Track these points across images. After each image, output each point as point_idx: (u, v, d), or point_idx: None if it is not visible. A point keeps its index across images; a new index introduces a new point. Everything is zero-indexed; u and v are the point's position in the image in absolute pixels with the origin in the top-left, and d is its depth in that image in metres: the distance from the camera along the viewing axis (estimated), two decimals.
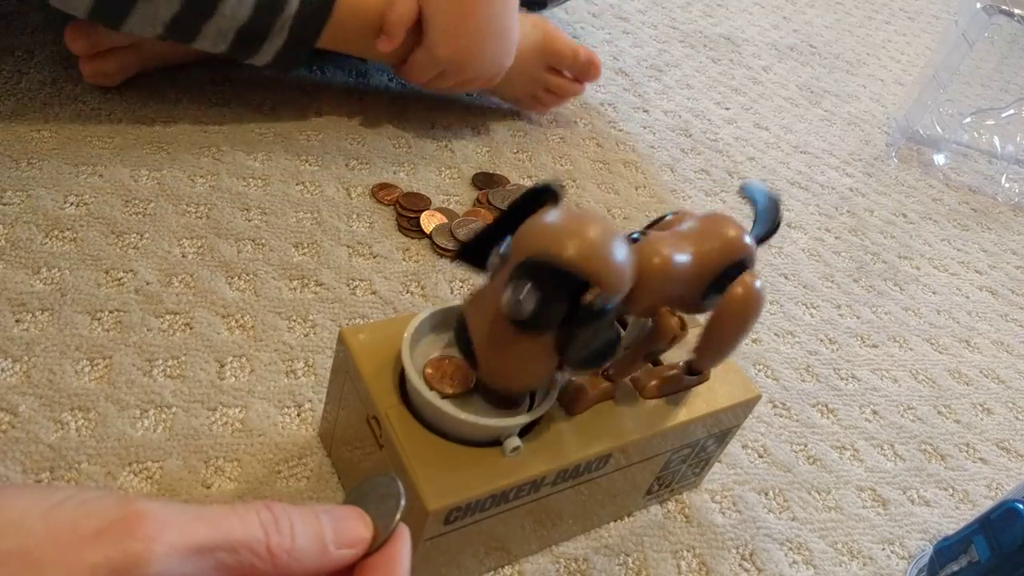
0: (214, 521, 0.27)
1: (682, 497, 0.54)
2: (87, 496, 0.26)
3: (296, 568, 0.28)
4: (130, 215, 0.60)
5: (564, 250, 0.34)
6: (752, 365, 0.65)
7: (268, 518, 0.28)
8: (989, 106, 1.07)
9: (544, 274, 0.35)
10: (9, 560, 0.24)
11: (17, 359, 0.49)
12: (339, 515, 0.30)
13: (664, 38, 1.09)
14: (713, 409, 0.47)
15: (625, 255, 0.36)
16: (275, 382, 0.52)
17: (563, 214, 0.36)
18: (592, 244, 0.35)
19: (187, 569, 0.26)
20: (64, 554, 0.24)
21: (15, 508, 0.25)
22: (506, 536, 0.44)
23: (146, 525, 0.25)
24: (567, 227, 0.35)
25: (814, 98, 1.08)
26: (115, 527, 0.25)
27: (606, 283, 0.35)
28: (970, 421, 0.68)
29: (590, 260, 0.35)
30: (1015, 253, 0.91)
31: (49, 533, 0.24)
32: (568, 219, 0.36)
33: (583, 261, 0.34)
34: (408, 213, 0.67)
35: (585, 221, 0.36)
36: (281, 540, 0.28)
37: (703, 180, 0.85)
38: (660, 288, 0.40)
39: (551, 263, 0.35)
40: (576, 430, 0.43)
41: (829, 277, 0.78)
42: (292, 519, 0.28)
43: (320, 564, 0.29)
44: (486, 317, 0.38)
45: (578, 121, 0.87)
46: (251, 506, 0.28)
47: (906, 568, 0.55)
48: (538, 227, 0.36)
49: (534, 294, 0.35)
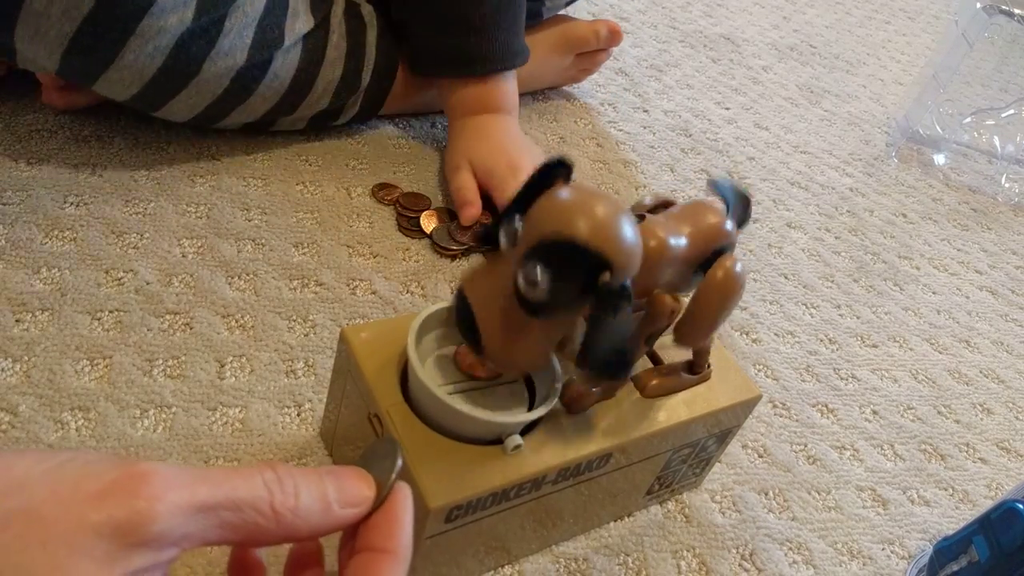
0: (218, 480, 0.26)
1: (682, 497, 0.54)
2: (88, 457, 0.26)
3: (300, 527, 0.28)
4: (130, 215, 0.60)
5: (577, 230, 0.34)
6: (752, 365, 0.65)
7: (272, 477, 0.28)
8: (989, 106, 1.07)
9: (557, 255, 0.34)
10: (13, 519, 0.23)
11: (17, 359, 0.49)
12: (342, 475, 0.30)
13: (664, 38, 1.09)
14: (713, 409, 0.47)
15: (636, 235, 0.36)
16: (275, 382, 0.52)
17: (573, 192, 0.36)
18: (604, 222, 0.34)
19: (191, 528, 0.25)
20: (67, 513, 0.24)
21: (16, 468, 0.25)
22: (506, 535, 0.44)
23: (149, 484, 0.25)
24: (578, 206, 0.35)
25: (814, 98, 1.08)
26: (118, 486, 0.25)
27: (619, 261, 0.34)
28: (970, 421, 0.68)
29: (603, 239, 0.34)
30: (1015, 253, 0.91)
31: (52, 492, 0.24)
32: (578, 197, 0.35)
33: (596, 240, 0.34)
34: (408, 213, 0.67)
35: (596, 199, 0.35)
36: (285, 499, 0.28)
37: (703, 180, 0.85)
38: (656, 269, 0.40)
39: (564, 243, 0.34)
40: (577, 429, 0.43)
41: (829, 277, 0.78)
42: (296, 479, 0.28)
43: (324, 523, 0.29)
44: (493, 298, 0.37)
45: (578, 121, 0.87)
46: (255, 466, 0.28)
47: (906, 568, 0.55)
48: (549, 207, 0.35)
49: (548, 276, 0.34)
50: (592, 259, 0.34)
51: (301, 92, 0.66)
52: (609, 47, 0.87)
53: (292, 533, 0.28)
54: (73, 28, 0.49)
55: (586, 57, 0.87)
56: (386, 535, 0.30)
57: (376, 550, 0.29)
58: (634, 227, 0.36)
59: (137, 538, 0.24)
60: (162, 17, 0.51)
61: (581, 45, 0.85)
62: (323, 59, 0.66)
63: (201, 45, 0.56)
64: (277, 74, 0.63)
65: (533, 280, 0.34)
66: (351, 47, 0.67)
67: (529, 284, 0.34)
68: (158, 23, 0.51)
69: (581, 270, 0.34)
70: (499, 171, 0.67)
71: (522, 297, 0.35)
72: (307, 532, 0.28)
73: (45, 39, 0.49)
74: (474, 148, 0.69)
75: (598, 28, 0.84)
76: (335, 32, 0.66)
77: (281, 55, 0.62)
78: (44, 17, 0.48)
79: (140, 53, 0.52)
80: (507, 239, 0.36)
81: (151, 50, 0.52)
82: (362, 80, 0.69)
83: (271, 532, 0.27)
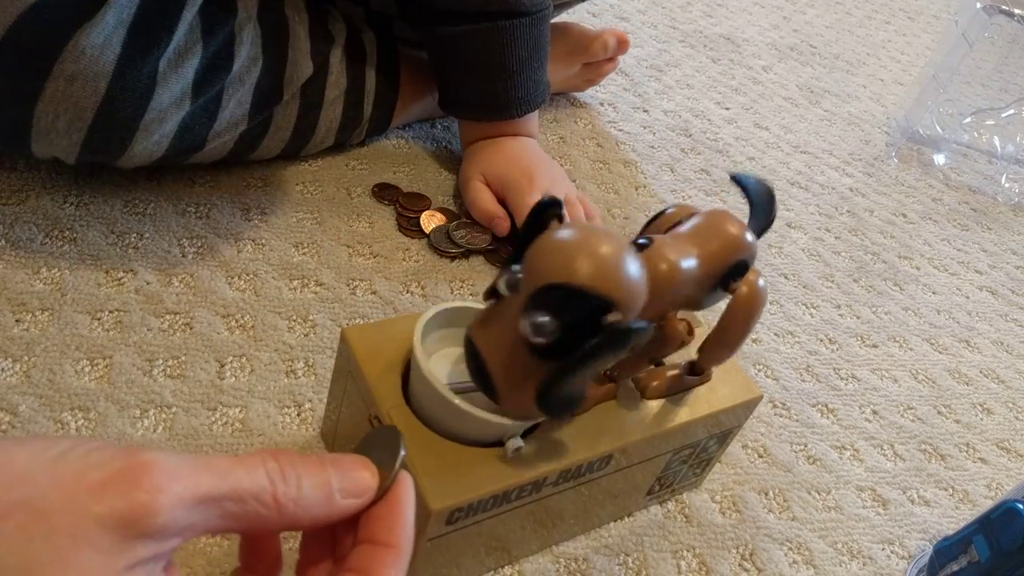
0: (220, 471, 0.26)
1: (682, 497, 0.54)
2: (90, 446, 0.25)
3: (303, 517, 0.28)
4: (130, 215, 0.60)
5: (577, 275, 0.33)
6: (752, 365, 0.65)
7: (274, 468, 0.28)
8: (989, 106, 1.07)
9: (560, 301, 0.34)
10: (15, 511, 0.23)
11: (17, 359, 0.49)
12: (345, 465, 0.30)
13: (664, 38, 1.09)
14: (714, 409, 0.47)
15: (638, 269, 0.35)
16: (275, 382, 0.52)
17: (571, 233, 0.35)
18: (605, 262, 0.33)
19: (193, 519, 0.25)
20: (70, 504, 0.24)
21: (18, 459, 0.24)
22: (507, 536, 0.44)
23: (152, 475, 0.25)
24: (576, 247, 0.34)
25: (814, 98, 1.08)
26: (120, 478, 0.24)
27: (623, 300, 0.34)
28: (970, 421, 0.68)
29: (605, 279, 0.33)
30: (1015, 253, 0.91)
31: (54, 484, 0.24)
32: (576, 238, 0.34)
33: (598, 281, 0.33)
34: (408, 213, 0.67)
35: (594, 238, 0.34)
36: (287, 490, 0.27)
37: (703, 180, 0.85)
38: (668, 294, 0.40)
39: (566, 289, 0.33)
40: (578, 430, 0.43)
41: (829, 277, 0.78)
42: (298, 469, 0.28)
43: (326, 513, 0.29)
44: (502, 345, 0.36)
45: (578, 121, 0.87)
46: (257, 455, 0.28)
47: (906, 568, 0.55)
48: (547, 250, 0.34)
49: (553, 322, 0.33)
50: (595, 301, 0.33)
51: (304, 136, 0.66)
52: (616, 55, 0.87)
53: (294, 522, 0.28)
54: (81, 137, 0.51)
55: (592, 67, 0.86)
56: (388, 528, 0.30)
57: (378, 543, 0.29)
58: (636, 262, 0.35)
59: (140, 530, 0.24)
60: (161, 111, 0.53)
61: (588, 55, 0.84)
62: (322, 102, 0.65)
63: (203, 123, 0.57)
64: (279, 126, 0.63)
65: (537, 328, 0.34)
66: (350, 84, 0.67)
67: (535, 332, 0.34)
68: (159, 117, 0.53)
69: (585, 313, 0.34)
70: (513, 178, 0.67)
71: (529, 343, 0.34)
72: (309, 522, 0.28)
73: (58, 148, 0.52)
74: (486, 160, 0.69)
75: (606, 38, 0.84)
76: (333, 72, 0.66)
77: (281, 109, 0.63)
78: (53, 132, 0.50)
79: (147, 143, 0.54)
80: (507, 288, 0.35)
81: (157, 139, 0.54)
82: (364, 113, 0.69)
83: (273, 521, 0.27)
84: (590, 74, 0.87)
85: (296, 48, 0.62)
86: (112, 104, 0.50)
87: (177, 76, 0.53)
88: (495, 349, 0.37)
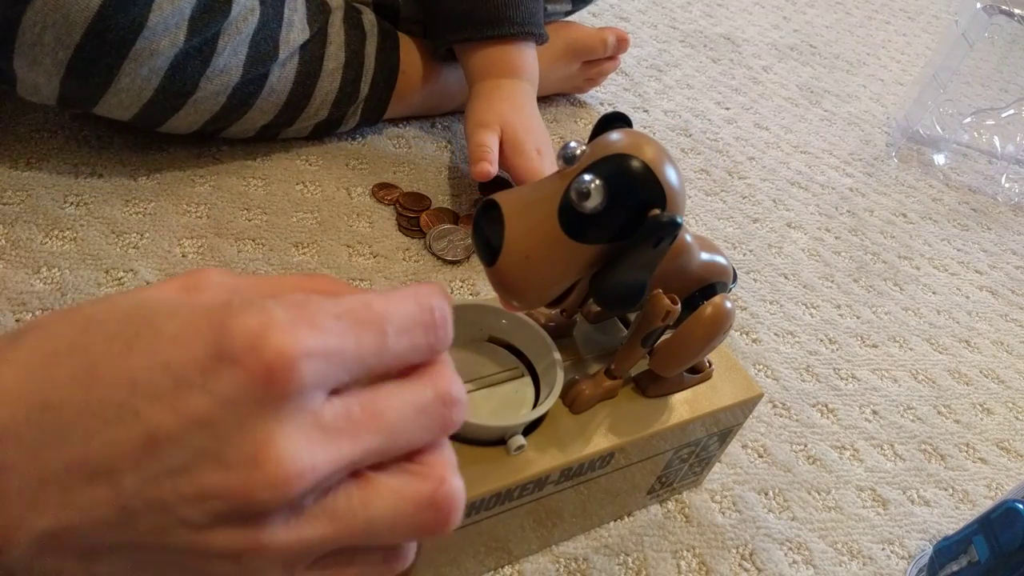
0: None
1: (682, 497, 0.54)
2: None
3: None
4: (130, 215, 0.60)
5: (644, 153, 0.35)
6: (752, 365, 0.65)
7: None
8: (989, 106, 1.08)
9: (618, 175, 0.35)
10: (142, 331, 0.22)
11: None
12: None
13: (664, 38, 1.09)
14: (715, 408, 0.47)
15: (683, 185, 0.37)
16: None
17: (638, 133, 0.37)
18: (668, 161, 0.36)
19: None
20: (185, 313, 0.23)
21: (125, 296, 0.24)
22: (507, 535, 0.44)
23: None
24: (645, 140, 0.36)
25: (814, 98, 1.08)
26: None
27: (672, 197, 0.36)
28: (970, 421, 0.68)
29: (663, 173, 0.36)
30: (1015, 253, 0.91)
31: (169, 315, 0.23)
32: (644, 137, 0.37)
33: (658, 171, 0.35)
34: (408, 213, 0.67)
35: (658, 144, 0.37)
36: None
37: (703, 180, 0.85)
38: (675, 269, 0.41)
39: (627, 164, 0.35)
40: (579, 429, 0.43)
41: (829, 277, 0.78)
42: None
43: None
44: (529, 210, 0.36)
45: (578, 121, 0.87)
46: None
47: (906, 568, 0.55)
48: (617, 136, 0.37)
49: (603, 191, 0.34)
50: (649, 188, 0.35)
51: (299, 104, 0.66)
52: (616, 55, 0.86)
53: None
54: (68, 55, 0.50)
55: (593, 65, 0.86)
56: None
57: None
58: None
59: None
60: (154, 40, 0.52)
61: (588, 53, 0.84)
62: (320, 71, 0.65)
63: (196, 65, 0.56)
64: (274, 88, 0.63)
65: (586, 191, 0.34)
66: (349, 58, 0.67)
67: (581, 195, 0.34)
68: (151, 46, 0.52)
69: (636, 197, 0.35)
70: (528, 149, 0.66)
71: (568, 210, 0.35)
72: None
73: (42, 66, 0.50)
74: (507, 115, 0.68)
75: (606, 36, 0.83)
76: (332, 43, 0.66)
77: (277, 68, 0.62)
78: (38, 46, 0.49)
79: (136, 76, 0.53)
80: (564, 159, 0.36)
81: (146, 72, 0.53)
82: (361, 91, 0.69)
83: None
84: (591, 73, 0.87)
85: (292, 8, 0.63)
86: (104, 22, 0.49)
87: (173, 5, 0.52)
88: (520, 214, 0.36)
